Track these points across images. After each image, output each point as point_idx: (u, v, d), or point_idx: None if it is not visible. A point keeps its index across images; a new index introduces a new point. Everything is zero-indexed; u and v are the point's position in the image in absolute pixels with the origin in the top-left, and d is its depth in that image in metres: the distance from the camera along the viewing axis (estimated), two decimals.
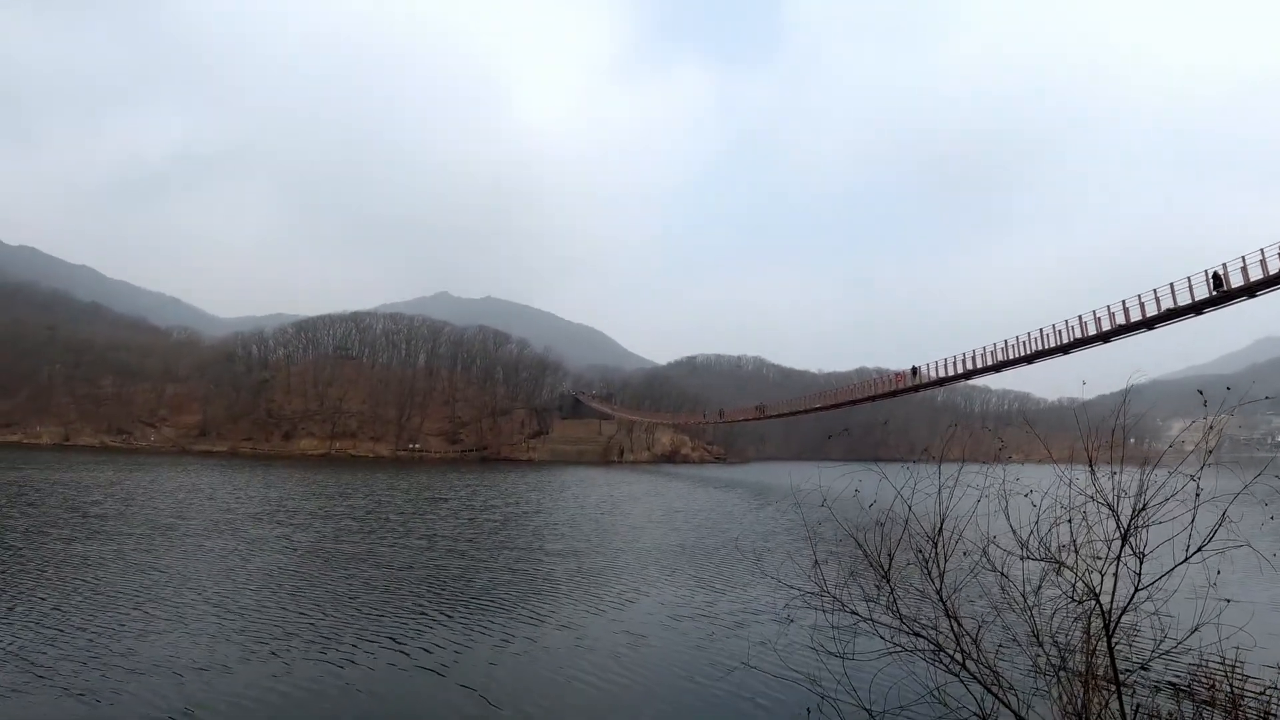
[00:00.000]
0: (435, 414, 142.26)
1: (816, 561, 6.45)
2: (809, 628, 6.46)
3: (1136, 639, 5.84)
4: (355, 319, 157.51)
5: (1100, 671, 5.40)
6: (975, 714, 5.54)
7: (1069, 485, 5.75)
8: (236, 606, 17.34)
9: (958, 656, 5.60)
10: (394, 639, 15.17)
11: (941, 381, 61.44)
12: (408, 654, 14.21)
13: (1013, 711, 5.36)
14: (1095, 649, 5.42)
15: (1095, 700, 5.38)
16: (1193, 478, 5.09)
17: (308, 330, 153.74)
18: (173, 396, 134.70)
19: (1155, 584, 5.13)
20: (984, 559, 6.11)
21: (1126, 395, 6.10)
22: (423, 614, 17.38)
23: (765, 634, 14.19)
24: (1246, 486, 5.13)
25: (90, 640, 14.35)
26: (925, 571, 5.97)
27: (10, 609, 16.42)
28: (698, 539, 31.51)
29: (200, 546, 25.51)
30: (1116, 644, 5.30)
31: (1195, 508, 5.02)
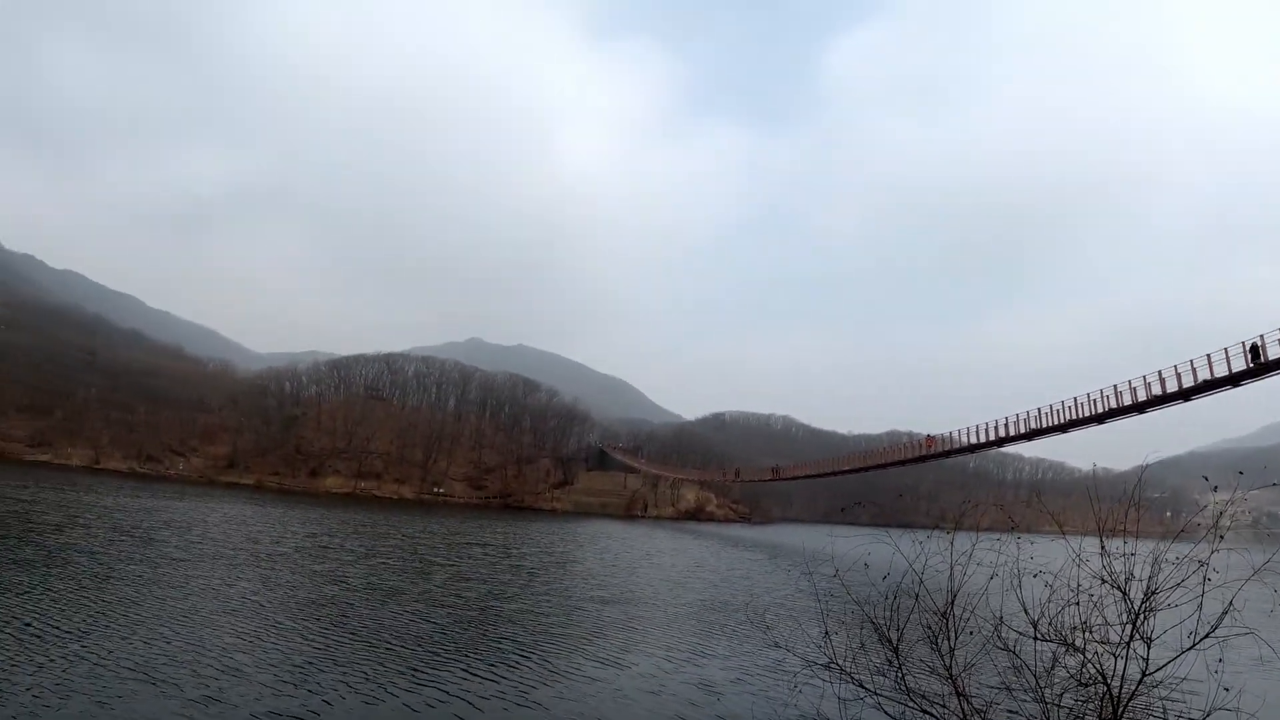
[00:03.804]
0: (461, 459, 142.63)
1: (827, 632, 6.44)
2: (816, 698, 6.45)
3: None
4: (388, 360, 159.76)
5: None
6: None
7: (1082, 564, 5.74)
8: (294, 638, 17.91)
9: None
10: (465, 679, 15.73)
11: (972, 449, 60.41)
12: (481, 694, 14.78)
13: None
14: None
15: None
16: (1201, 563, 5.07)
17: (341, 369, 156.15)
18: (203, 426, 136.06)
19: (1162, 669, 5.08)
20: (995, 637, 6.07)
21: (1142, 475, 6.10)
22: (483, 657, 17.95)
23: (775, 703, 14.02)
24: (1256, 573, 5.08)
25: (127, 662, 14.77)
26: (935, 647, 5.94)
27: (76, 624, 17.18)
28: (719, 598, 31.17)
29: (266, 577, 26.51)
30: None
31: (1201, 595, 4.99)
